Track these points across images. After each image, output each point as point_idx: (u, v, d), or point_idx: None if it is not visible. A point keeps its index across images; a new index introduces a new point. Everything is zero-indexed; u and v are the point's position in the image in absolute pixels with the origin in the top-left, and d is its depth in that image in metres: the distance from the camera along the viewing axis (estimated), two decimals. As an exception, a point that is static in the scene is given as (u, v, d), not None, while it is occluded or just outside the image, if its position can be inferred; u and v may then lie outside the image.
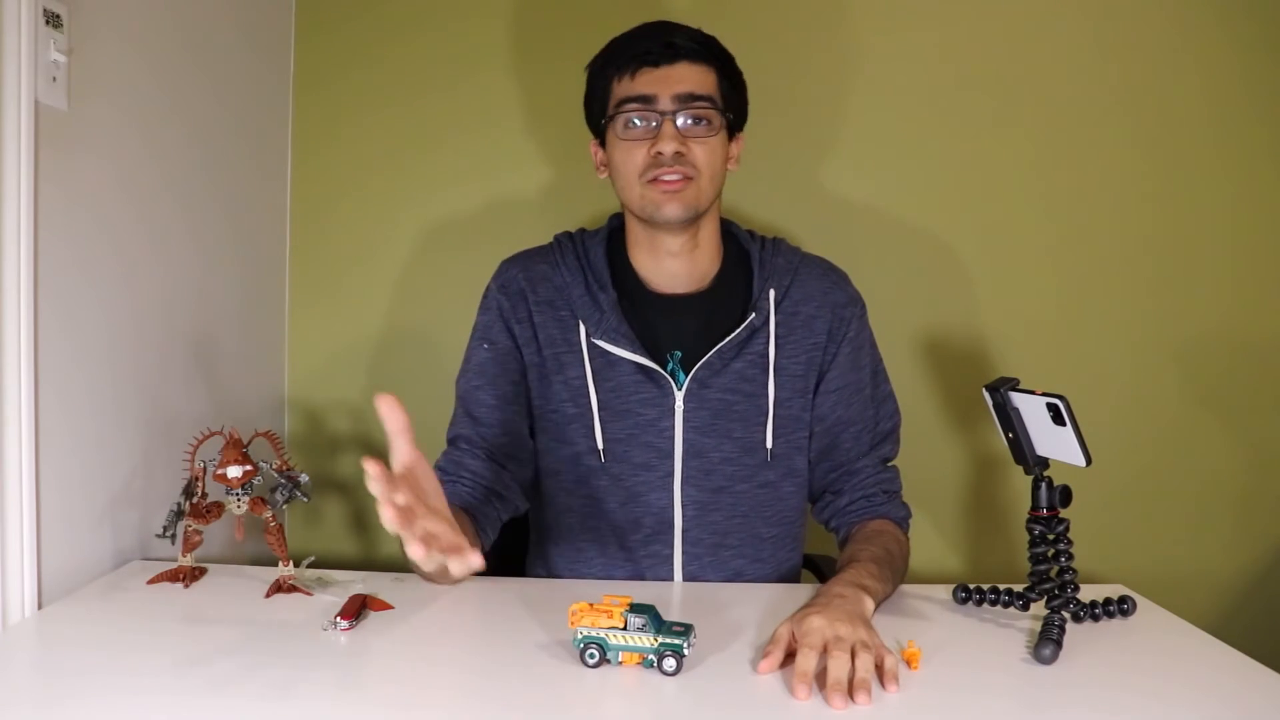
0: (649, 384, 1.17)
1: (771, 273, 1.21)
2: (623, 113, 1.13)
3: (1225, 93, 1.70)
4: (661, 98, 1.12)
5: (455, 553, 0.80)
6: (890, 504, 1.21)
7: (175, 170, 1.33)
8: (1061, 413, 0.95)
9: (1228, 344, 1.73)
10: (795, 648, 0.89)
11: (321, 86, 1.70)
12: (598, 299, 1.18)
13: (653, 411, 1.17)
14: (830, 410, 1.22)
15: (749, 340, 1.19)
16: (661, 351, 1.19)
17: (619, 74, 1.15)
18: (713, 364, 1.17)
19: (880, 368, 1.27)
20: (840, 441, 1.22)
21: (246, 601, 1.06)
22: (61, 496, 1.08)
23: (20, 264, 0.99)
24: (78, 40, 1.08)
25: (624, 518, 1.19)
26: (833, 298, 1.22)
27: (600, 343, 1.17)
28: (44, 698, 0.82)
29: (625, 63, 1.14)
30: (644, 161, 1.13)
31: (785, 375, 1.20)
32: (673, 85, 1.12)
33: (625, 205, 1.19)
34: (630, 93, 1.13)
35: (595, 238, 1.25)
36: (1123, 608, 1.05)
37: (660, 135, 1.11)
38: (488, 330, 1.22)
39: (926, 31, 1.69)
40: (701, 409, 1.17)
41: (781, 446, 1.20)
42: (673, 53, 1.13)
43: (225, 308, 1.50)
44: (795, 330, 1.20)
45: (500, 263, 1.25)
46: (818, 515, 1.27)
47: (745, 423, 1.18)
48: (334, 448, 1.73)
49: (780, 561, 1.24)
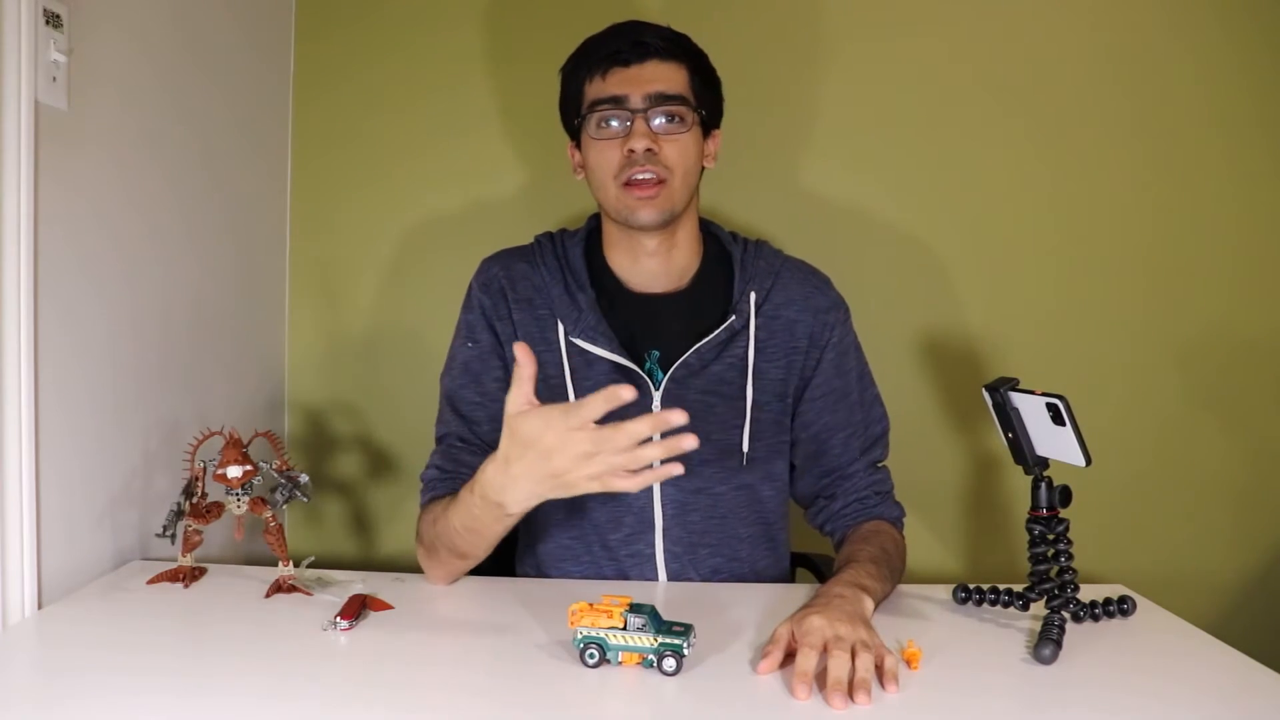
0: (626, 383, 1.17)
1: (753, 275, 1.22)
2: (595, 113, 1.14)
3: (1224, 92, 1.70)
4: (633, 97, 1.13)
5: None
6: (884, 504, 1.21)
7: (175, 170, 1.33)
8: (1061, 413, 0.95)
9: (1228, 344, 1.73)
10: (795, 647, 0.89)
11: (322, 86, 1.70)
12: (576, 298, 1.19)
13: (630, 411, 1.17)
14: (816, 416, 1.22)
15: (728, 343, 1.19)
16: (639, 351, 1.19)
17: (590, 75, 1.16)
18: (691, 364, 1.17)
19: (866, 371, 1.27)
20: (829, 447, 1.22)
21: (246, 601, 1.06)
22: (61, 496, 1.08)
23: (20, 264, 0.99)
24: (78, 40, 1.08)
25: (605, 517, 1.19)
26: (815, 302, 1.23)
27: (578, 341, 1.17)
28: (44, 698, 0.82)
29: (596, 63, 1.15)
30: (618, 162, 1.13)
31: (764, 379, 1.20)
32: (644, 84, 1.13)
33: (601, 206, 1.20)
34: (602, 93, 1.14)
35: (574, 237, 1.26)
36: (1123, 608, 1.05)
37: (632, 133, 1.12)
38: (471, 328, 1.22)
39: (927, 29, 1.69)
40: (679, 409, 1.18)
41: (759, 450, 1.20)
42: (642, 51, 1.13)
43: (225, 308, 1.50)
44: (776, 334, 1.21)
45: (481, 261, 1.26)
46: (811, 521, 1.27)
47: (723, 425, 1.19)
48: (334, 448, 1.74)
49: (756, 560, 1.24)
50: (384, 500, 1.74)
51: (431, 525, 1.10)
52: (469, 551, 1.08)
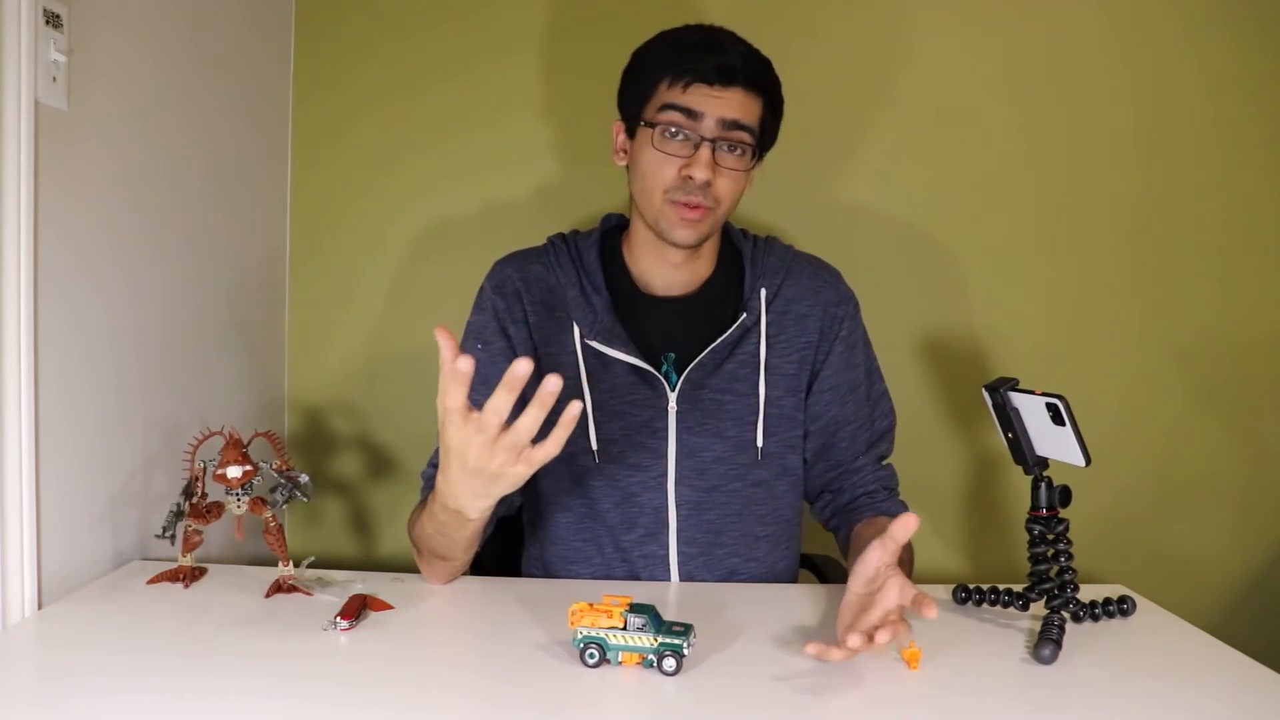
0: (643, 385, 1.18)
1: (763, 272, 1.22)
2: (664, 121, 1.12)
3: (1226, 93, 1.70)
4: (707, 117, 1.11)
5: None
6: (891, 500, 1.21)
7: (175, 170, 1.33)
8: (1061, 413, 0.95)
9: (1227, 344, 1.73)
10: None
11: (322, 86, 1.70)
12: (591, 301, 1.19)
13: (646, 412, 1.18)
14: (824, 409, 1.22)
15: (741, 340, 1.19)
16: (655, 353, 1.19)
17: (671, 79, 1.12)
18: (705, 364, 1.18)
19: (875, 366, 1.28)
20: (837, 441, 1.23)
21: (246, 601, 1.06)
22: (61, 496, 1.08)
23: (20, 264, 0.99)
24: (78, 40, 1.08)
25: (619, 518, 1.19)
26: (824, 296, 1.23)
27: (594, 344, 1.17)
28: (44, 698, 0.82)
29: (681, 72, 1.11)
30: (672, 179, 1.12)
31: (776, 374, 1.20)
32: (721, 109, 1.11)
33: (638, 207, 1.19)
34: (678, 101, 1.11)
35: (588, 240, 1.25)
36: (1122, 608, 1.05)
37: (695, 160, 1.11)
38: (481, 330, 1.22)
39: (927, 34, 1.69)
40: (694, 409, 1.18)
41: (773, 445, 1.20)
42: (729, 76, 1.11)
43: (226, 307, 1.50)
44: (787, 329, 1.21)
45: (494, 263, 1.25)
46: (817, 514, 1.27)
47: (737, 421, 1.19)
48: (334, 448, 1.74)
49: (775, 561, 1.24)
50: (384, 500, 1.74)
51: (412, 528, 1.11)
52: (447, 554, 1.08)
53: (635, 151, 1.17)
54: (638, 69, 1.18)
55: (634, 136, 1.17)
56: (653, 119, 1.13)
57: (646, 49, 1.18)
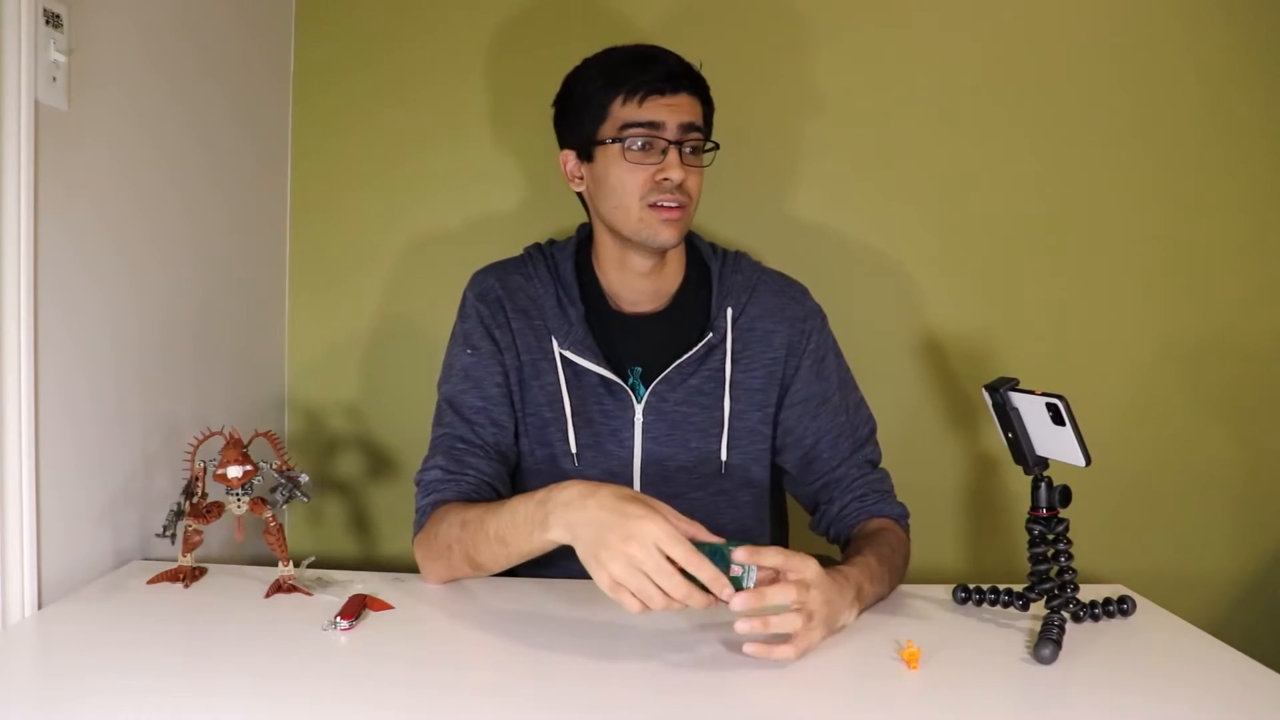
0: (610, 396, 1.21)
1: (730, 290, 1.25)
2: (629, 136, 1.16)
3: (1229, 93, 1.70)
4: (669, 125, 1.16)
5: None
6: (884, 502, 1.22)
7: (175, 170, 1.33)
8: (1061, 413, 0.95)
9: (1227, 344, 1.73)
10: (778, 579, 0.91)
11: (321, 86, 1.70)
12: (567, 312, 1.22)
13: (615, 421, 1.22)
14: (798, 422, 1.24)
15: (706, 356, 1.23)
16: (623, 365, 1.23)
17: (625, 96, 1.16)
18: (671, 379, 1.21)
19: (847, 375, 1.30)
20: (819, 452, 1.24)
21: (246, 601, 1.06)
22: (61, 496, 1.08)
23: (21, 264, 0.99)
24: (78, 40, 1.08)
25: None
26: (789, 313, 1.26)
27: (568, 354, 1.20)
28: (44, 698, 0.82)
29: (634, 88, 1.16)
30: (646, 185, 1.16)
31: (742, 389, 1.23)
32: (678, 114, 1.16)
33: (609, 223, 1.21)
34: (638, 118, 1.15)
35: (565, 250, 1.28)
36: (1122, 608, 1.05)
37: (667, 164, 1.15)
38: (469, 336, 1.24)
39: (928, 24, 1.69)
40: (660, 421, 1.21)
41: (737, 458, 1.23)
42: (676, 83, 1.17)
43: (226, 307, 1.50)
44: (752, 345, 1.24)
45: (474, 274, 1.28)
46: (817, 529, 1.28)
47: (702, 434, 1.22)
48: (334, 448, 1.74)
49: None
50: (384, 500, 1.74)
51: (459, 526, 1.08)
52: (486, 562, 1.06)
53: (599, 171, 1.19)
54: (580, 95, 1.20)
55: (592, 159, 1.20)
56: (618, 135, 1.16)
57: (584, 75, 1.21)
